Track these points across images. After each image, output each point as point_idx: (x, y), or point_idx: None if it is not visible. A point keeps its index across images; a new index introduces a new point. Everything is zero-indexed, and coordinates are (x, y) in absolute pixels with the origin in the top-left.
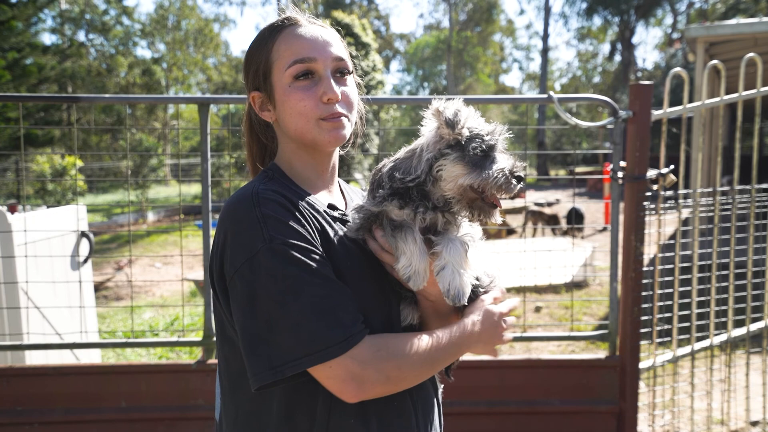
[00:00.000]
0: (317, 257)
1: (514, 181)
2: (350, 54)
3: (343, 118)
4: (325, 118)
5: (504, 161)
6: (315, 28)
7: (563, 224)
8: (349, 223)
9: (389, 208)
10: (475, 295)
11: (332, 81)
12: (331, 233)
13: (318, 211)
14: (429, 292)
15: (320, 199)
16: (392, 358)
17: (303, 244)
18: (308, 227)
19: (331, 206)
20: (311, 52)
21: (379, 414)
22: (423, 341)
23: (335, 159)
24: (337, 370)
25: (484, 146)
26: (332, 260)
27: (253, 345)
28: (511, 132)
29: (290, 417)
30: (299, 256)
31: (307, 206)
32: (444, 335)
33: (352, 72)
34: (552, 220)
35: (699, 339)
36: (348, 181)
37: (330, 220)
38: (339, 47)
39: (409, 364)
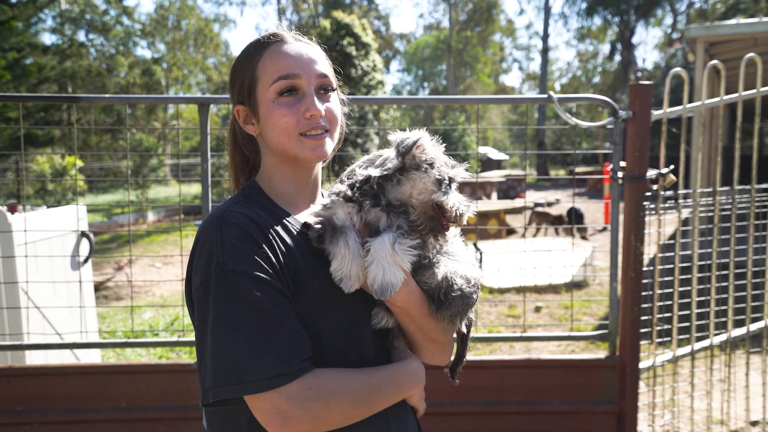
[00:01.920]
0: (267, 288)
1: (467, 215)
2: (344, 68)
3: (325, 136)
4: (307, 132)
5: (459, 196)
6: (300, 45)
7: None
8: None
9: (333, 209)
10: (461, 292)
11: (315, 98)
12: (300, 256)
13: (290, 233)
14: (393, 299)
15: (297, 218)
16: (322, 398)
17: (255, 273)
18: (270, 254)
19: (306, 225)
20: (295, 69)
21: None
22: (358, 381)
23: (317, 171)
24: (264, 403)
25: (449, 176)
26: (298, 283)
27: (198, 364)
28: (511, 132)
29: None
30: (247, 284)
31: (279, 229)
32: (383, 375)
33: (336, 89)
34: (557, 221)
35: (699, 339)
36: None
37: (302, 241)
38: (323, 64)
39: (340, 404)
